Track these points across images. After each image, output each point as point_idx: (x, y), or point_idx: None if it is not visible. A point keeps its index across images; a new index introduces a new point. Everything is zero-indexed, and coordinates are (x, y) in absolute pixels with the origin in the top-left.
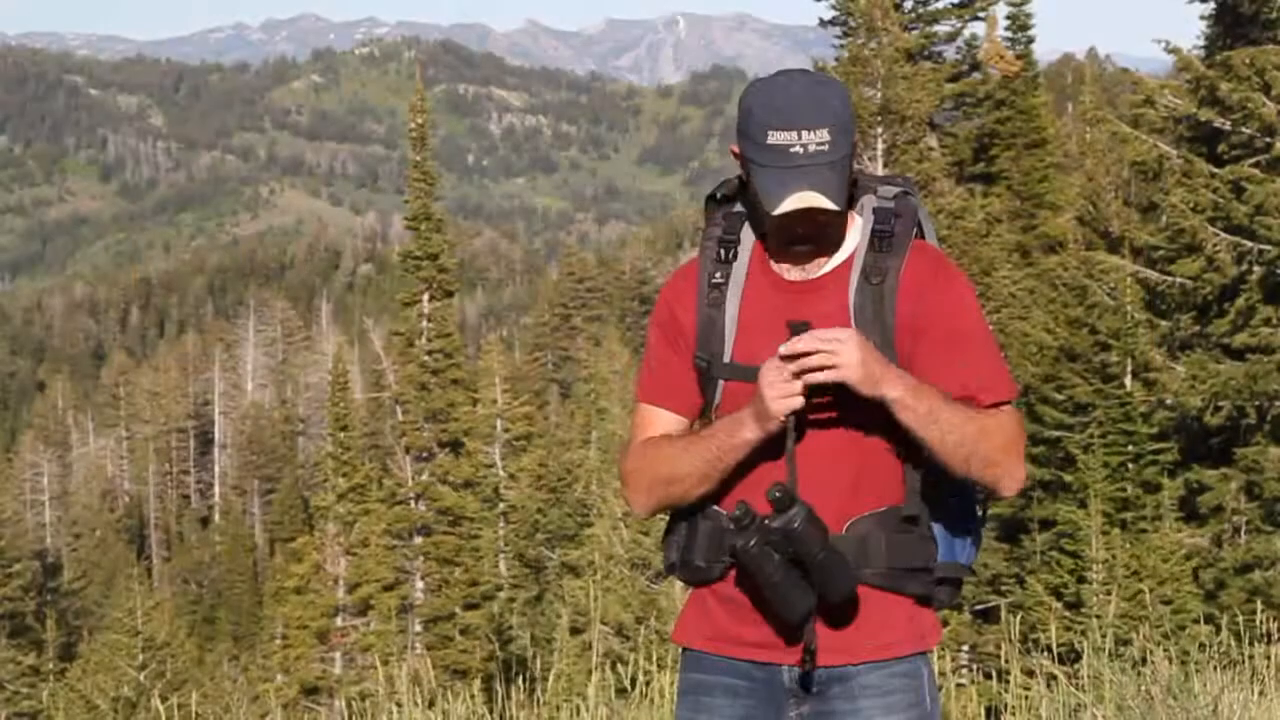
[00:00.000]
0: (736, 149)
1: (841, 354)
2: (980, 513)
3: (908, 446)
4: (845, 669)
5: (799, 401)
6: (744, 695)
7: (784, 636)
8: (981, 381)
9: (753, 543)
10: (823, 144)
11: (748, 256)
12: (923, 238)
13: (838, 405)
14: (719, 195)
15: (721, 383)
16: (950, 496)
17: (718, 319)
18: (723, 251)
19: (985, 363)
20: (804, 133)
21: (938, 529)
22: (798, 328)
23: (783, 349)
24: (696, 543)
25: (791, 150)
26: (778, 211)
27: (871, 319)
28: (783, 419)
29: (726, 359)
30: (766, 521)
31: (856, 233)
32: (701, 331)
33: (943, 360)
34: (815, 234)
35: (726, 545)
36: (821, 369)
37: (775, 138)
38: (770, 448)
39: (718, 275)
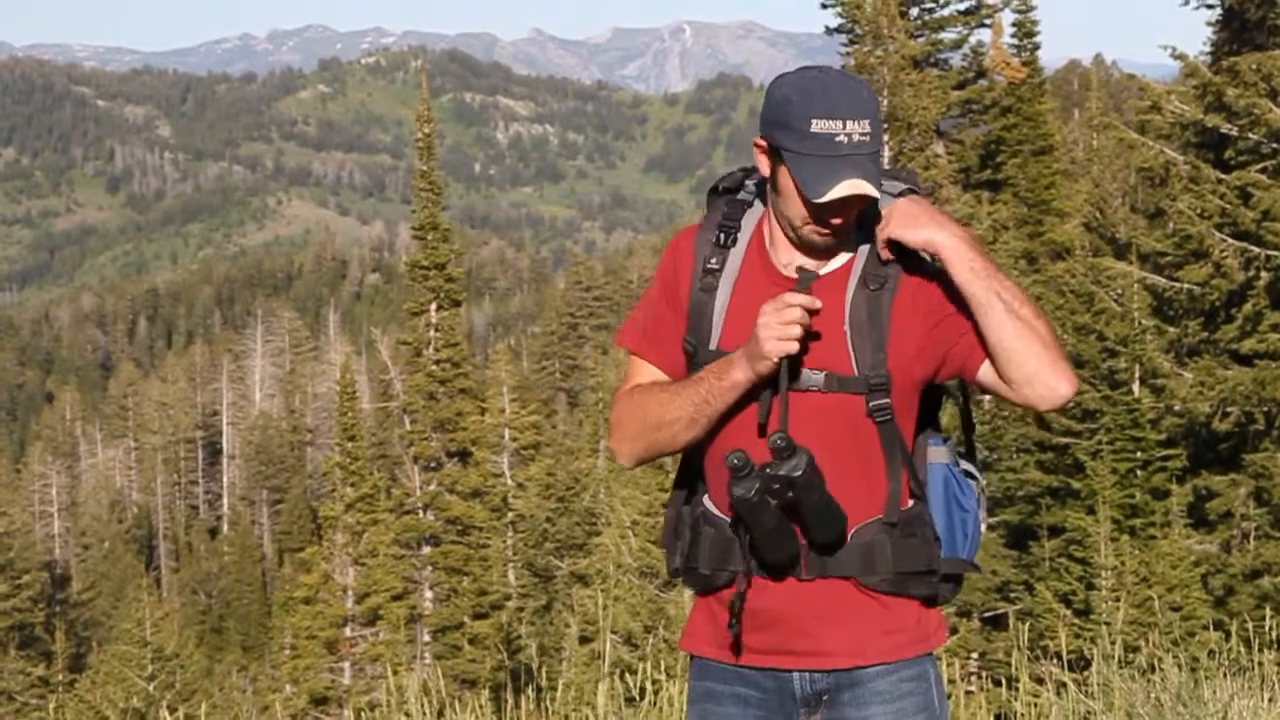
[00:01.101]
0: (764, 140)
1: (889, 216)
2: (977, 503)
3: (900, 451)
4: (855, 673)
5: (794, 346)
6: (754, 704)
7: (792, 642)
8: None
9: (753, 492)
10: (865, 134)
11: (745, 245)
12: None
13: (836, 412)
14: (721, 188)
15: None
16: (947, 490)
17: (708, 305)
18: (721, 236)
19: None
20: (848, 123)
21: (938, 525)
22: (806, 276)
23: (790, 295)
24: (700, 550)
25: (836, 139)
26: (826, 198)
27: (867, 323)
28: (775, 361)
29: (713, 346)
30: (768, 470)
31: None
32: (692, 314)
33: (962, 317)
34: (847, 225)
35: (728, 494)
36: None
37: (819, 126)
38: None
39: (713, 261)
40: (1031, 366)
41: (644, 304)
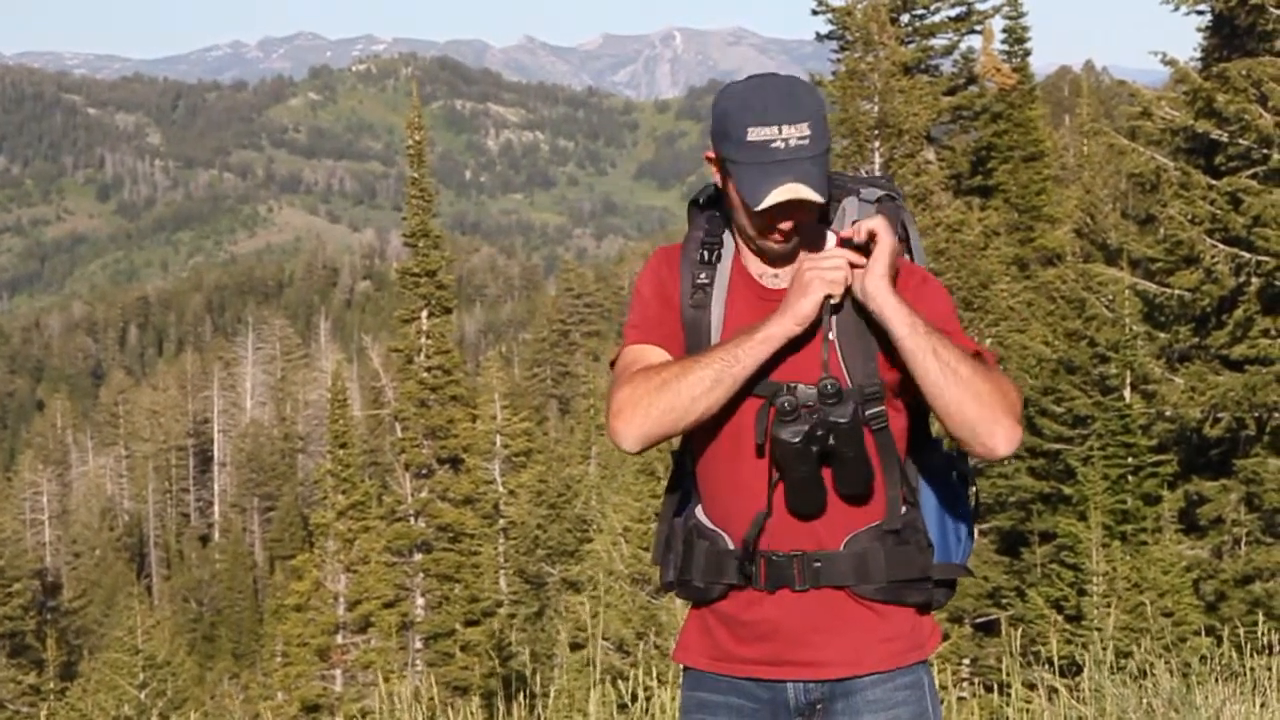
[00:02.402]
0: (712, 154)
1: (839, 270)
2: (971, 506)
3: (892, 458)
4: (849, 682)
5: (840, 287)
6: (748, 715)
7: (788, 653)
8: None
9: (800, 437)
10: (804, 138)
11: (730, 261)
12: (906, 240)
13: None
14: (700, 200)
15: None
16: (939, 496)
17: (702, 320)
18: (705, 253)
19: (969, 344)
20: (784, 127)
21: (931, 532)
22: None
23: (843, 234)
24: (694, 563)
25: (773, 145)
26: (763, 205)
27: (854, 333)
28: (819, 301)
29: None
30: (816, 415)
31: (833, 238)
32: (688, 331)
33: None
34: (795, 231)
35: (771, 433)
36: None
37: (755, 134)
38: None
39: (702, 276)
40: (967, 424)
41: (638, 308)
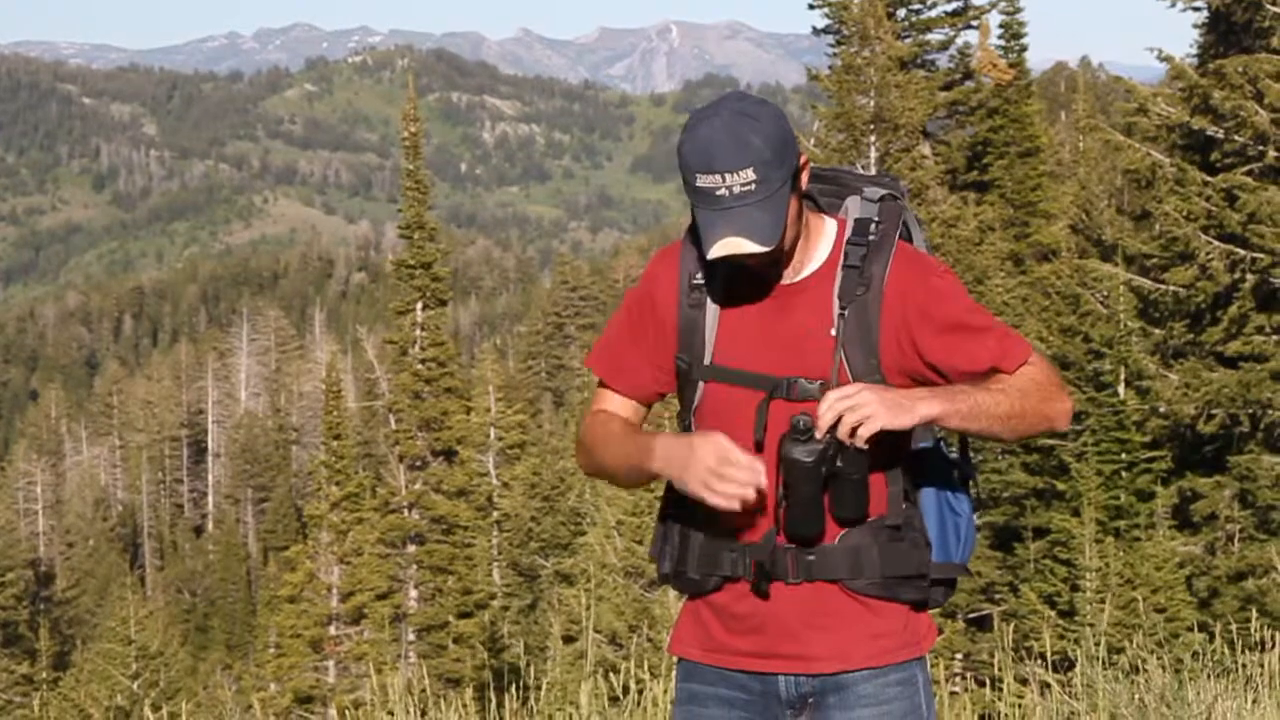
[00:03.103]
0: None
1: (865, 406)
2: (970, 507)
3: (891, 455)
4: (841, 677)
5: (721, 503)
6: (740, 706)
7: (779, 646)
8: (999, 352)
9: (813, 457)
10: (748, 185)
11: (725, 271)
12: (909, 239)
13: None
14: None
15: (702, 384)
16: (939, 495)
17: (699, 320)
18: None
19: (993, 334)
20: (727, 175)
21: (931, 530)
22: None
23: (744, 466)
24: (690, 555)
25: (718, 194)
26: (709, 257)
27: (855, 325)
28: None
29: (708, 361)
30: (829, 434)
31: (831, 234)
32: (683, 332)
33: (956, 347)
34: (763, 266)
35: (781, 452)
36: (853, 430)
37: (702, 181)
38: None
39: (699, 275)
40: (1032, 432)
41: (612, 329)
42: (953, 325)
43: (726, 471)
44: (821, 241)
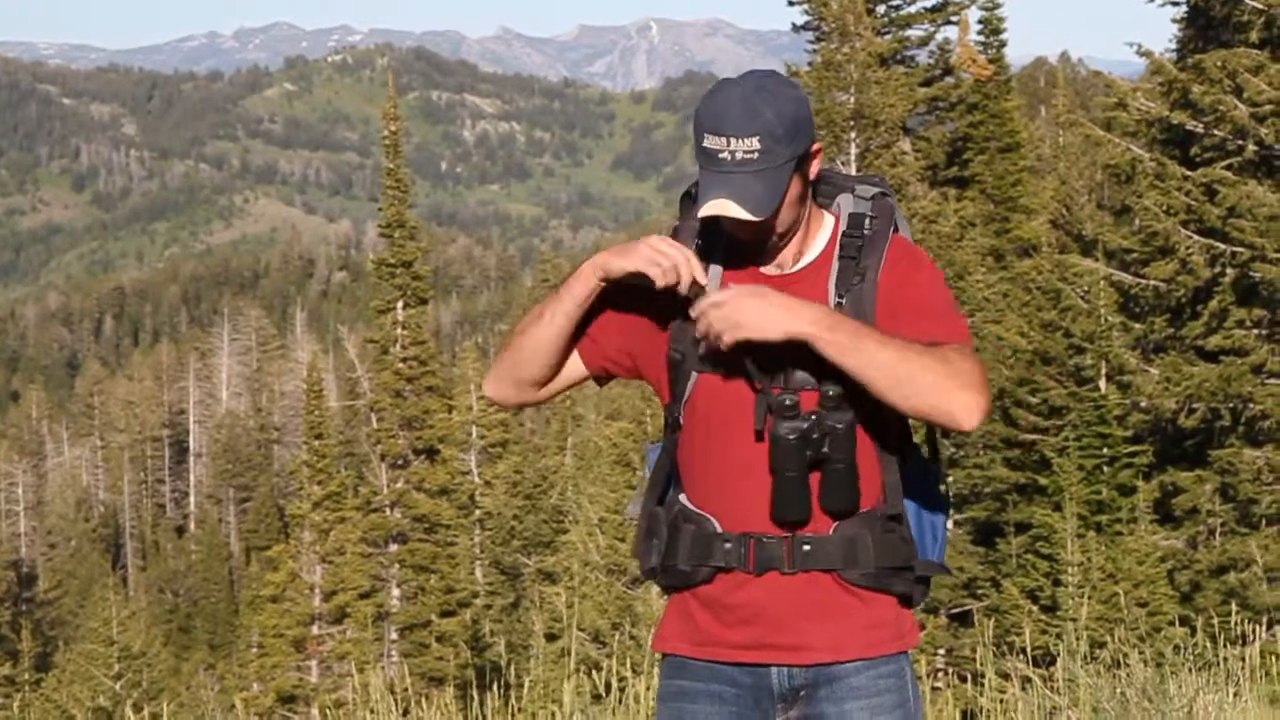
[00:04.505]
0: None
1: (734, 315)
2: (945, 509)
3: (890, 443)
4: (833, 668)
5: (656, 272)
6: (730, 701)
7: (773, 637)
8: (938, 331)
9: (796, 435)
10: (751, 152)
11: (724, 249)
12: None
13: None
14: (693, 192)
15: (695, 375)
16: (916, 494)
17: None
18: (700, 243)
19: (945, 320)
20: (733, 140)
21: (910, 527)
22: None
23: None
24: (679, 547)
25: (720, 156)
26: (699, 214)
27: (850, 314)
28: (628, 269)
29: (702, 352)
30: (814, 416)
31: (828, 227)
32: (677, 323)
33: (914, 325)
34: (753, 239)
35: (770, 429)
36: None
37: (709, 142)
38: (751, 453)
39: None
40: (926, 408)
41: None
42: (919, 308)
43: (664, 249)
44: (820, 234)
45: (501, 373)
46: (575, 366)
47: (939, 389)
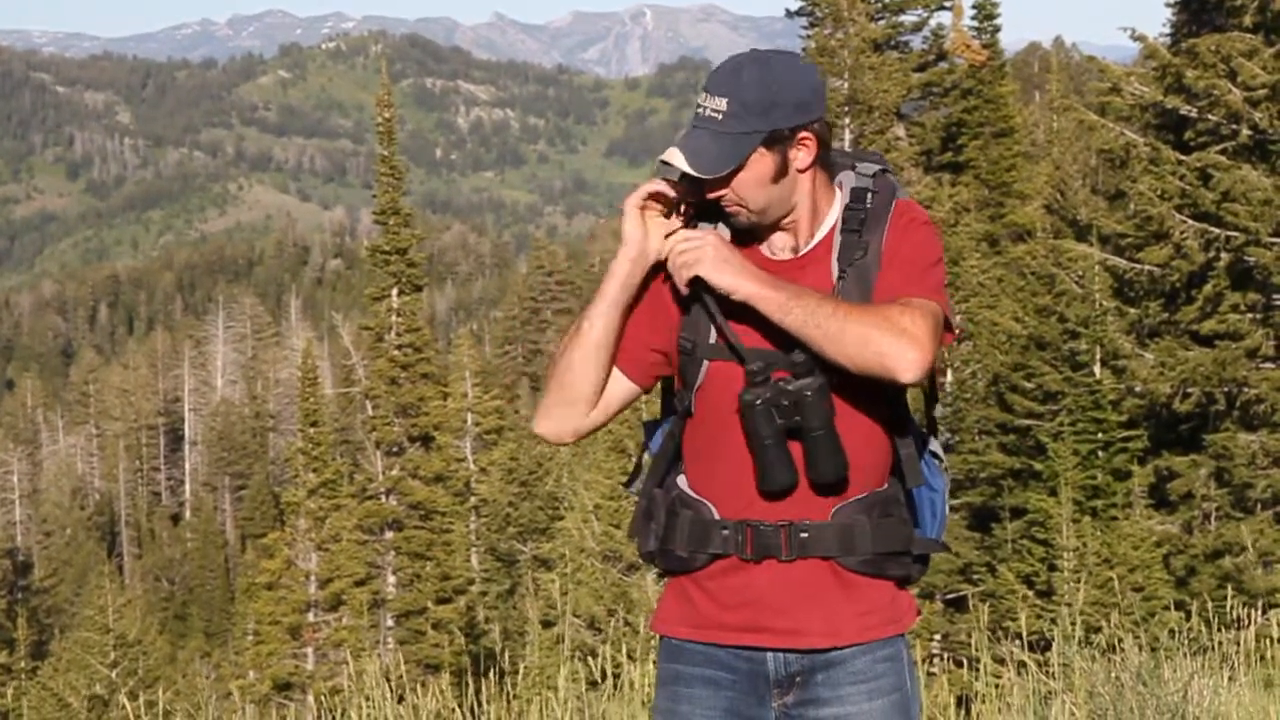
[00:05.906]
0: None
1: (697, 251)
2: (944, 484)
3: (884, 420)
4: (830, 653)
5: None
6: (726, 686)
7: (769, 621)
8: (901, 283)
9: (760, 401)
10: (717, 111)
11: (728, 236)
12: None
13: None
14: None
15: (707, 363)
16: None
17: (701, 298)
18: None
19: (915, 275)
20: (708, 97)
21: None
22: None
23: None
24: (677, 531)
25: (697, 111)
26: (659, 159)
27: (854, 289)
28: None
29: (712, 340)
30: (779, 383)
31: (837, 207)
32: (686, 312)
33: (883, 276)
34: (706, 204)
35: (739, 404)
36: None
37: (699, 96)
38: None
39: None
40: (862, 361)
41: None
42: (899, 263)
43: (636, 192)
44: (828, 217)
45: (549, 403)
46: (621, 383)
47: (869, 341)
